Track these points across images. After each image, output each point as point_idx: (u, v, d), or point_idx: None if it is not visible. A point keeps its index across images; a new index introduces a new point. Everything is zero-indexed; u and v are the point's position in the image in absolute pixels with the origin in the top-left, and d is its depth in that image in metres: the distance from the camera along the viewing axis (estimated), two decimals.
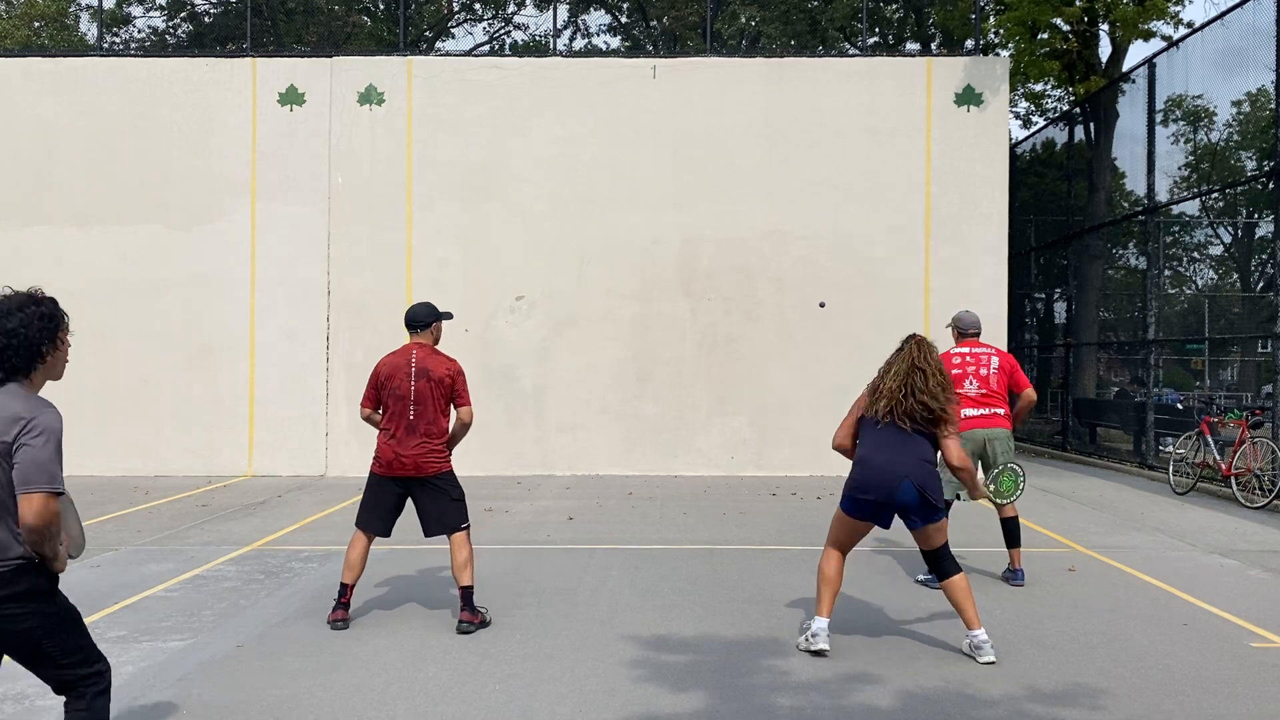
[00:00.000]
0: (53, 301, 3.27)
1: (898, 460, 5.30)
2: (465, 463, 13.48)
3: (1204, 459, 11.45)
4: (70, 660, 3.28)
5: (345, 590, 5.89)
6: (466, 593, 5.80)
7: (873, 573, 7.32)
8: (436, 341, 5.99)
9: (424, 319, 5.97)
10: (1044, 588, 6.85)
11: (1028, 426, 19.20)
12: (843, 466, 16.15)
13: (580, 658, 5.25)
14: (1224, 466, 11.07)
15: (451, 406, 5.91)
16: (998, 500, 6.26)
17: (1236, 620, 6.03)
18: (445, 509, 5.87)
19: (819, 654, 5.31)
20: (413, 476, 5.81)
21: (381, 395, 5.88)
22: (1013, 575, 7.07)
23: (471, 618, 5.77)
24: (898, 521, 5.41)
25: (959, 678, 4.94)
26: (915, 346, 5.50)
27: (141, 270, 13.67)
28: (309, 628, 5.84)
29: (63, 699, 3.34)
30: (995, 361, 7.10)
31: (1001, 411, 7.04)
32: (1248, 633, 5.79)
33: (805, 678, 4.94)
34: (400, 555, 8.00)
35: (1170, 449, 12.71)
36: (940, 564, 5.44)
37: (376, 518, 5.92)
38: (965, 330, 7.38)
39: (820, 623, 5.39)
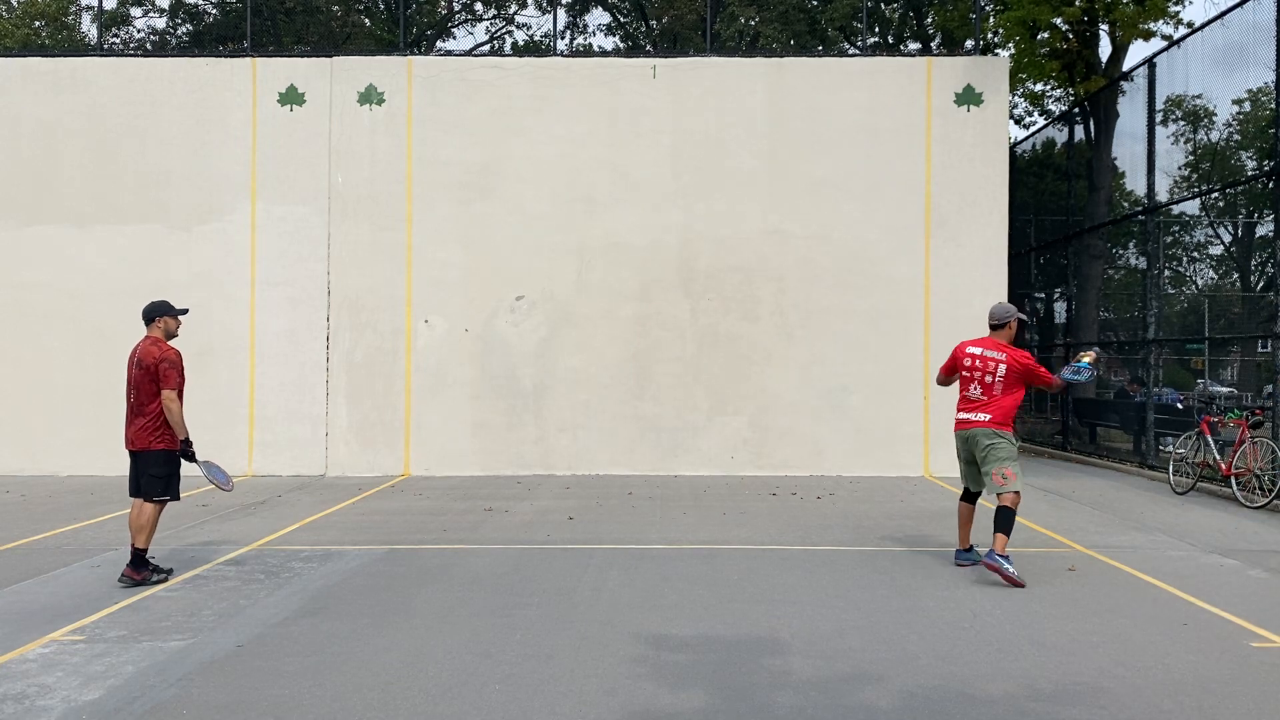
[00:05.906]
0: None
1: None
2: (465, 462, 13.60)
3: (1204, 459, 11.45)
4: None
5: None
6: None
7: (872, 572, 7.32)
8: None
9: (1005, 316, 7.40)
10: (1044, 588, 6.85)
11: (1028, 426, 19.21)
12: (840, 466, 15.85)
13: (580, 658, 5.25)
14: (1224, 466, 11.06)
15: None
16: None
17: (1236, 620, 6.03)
18: None
19: None
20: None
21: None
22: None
23: None
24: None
25: (959, 677, 4.94)
26: None
27: (141, 270, 13.67)
28: (309, 628, 5.84)
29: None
30: (1002, 370, 7.15)
31: (986, 417, 7.17)
32: (1248, 632, 5.79)
33: (805, 677, 4.94)
34: (401, 555, 8.01)
35: (1170, 449, 12.71)
36: None
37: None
38: (990, 323, 7.40)
39: None
